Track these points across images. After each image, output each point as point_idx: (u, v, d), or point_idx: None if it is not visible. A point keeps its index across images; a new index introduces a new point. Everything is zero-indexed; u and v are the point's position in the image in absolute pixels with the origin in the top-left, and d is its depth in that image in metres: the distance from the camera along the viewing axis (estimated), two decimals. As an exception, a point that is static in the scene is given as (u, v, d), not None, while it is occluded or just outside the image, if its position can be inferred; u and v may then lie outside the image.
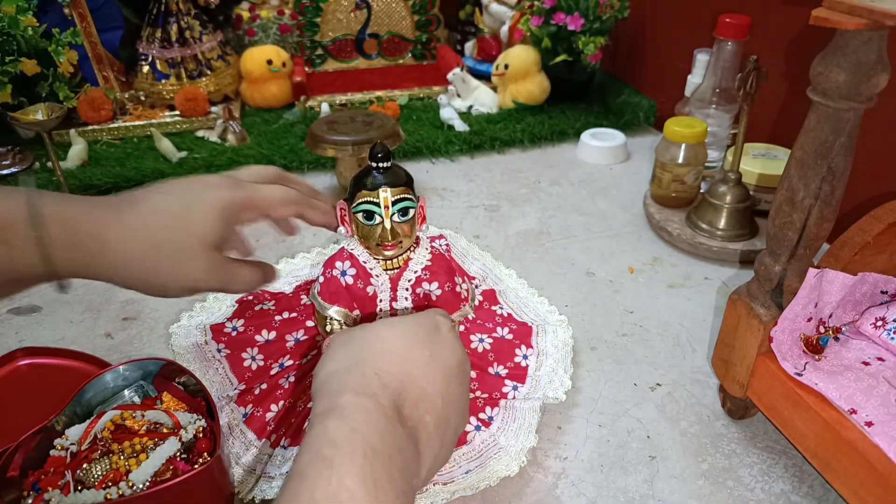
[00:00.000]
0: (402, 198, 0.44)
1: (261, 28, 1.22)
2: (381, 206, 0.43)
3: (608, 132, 1.03)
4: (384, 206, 0.43)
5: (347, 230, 0.46)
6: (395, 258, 0.48)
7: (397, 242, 0.45)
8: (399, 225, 0.45)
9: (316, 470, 0.27)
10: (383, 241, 0.44)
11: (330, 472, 0.27)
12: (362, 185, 0.44)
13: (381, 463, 0.28)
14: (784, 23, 0.84)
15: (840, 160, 0.41)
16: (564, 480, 0.50)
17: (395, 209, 0.44)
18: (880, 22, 0.35)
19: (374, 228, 0.44)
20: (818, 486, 0.49)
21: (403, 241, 0.45)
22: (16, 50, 0.92)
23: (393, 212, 0.44)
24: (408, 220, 0.45)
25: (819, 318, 0.49)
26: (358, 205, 0.44)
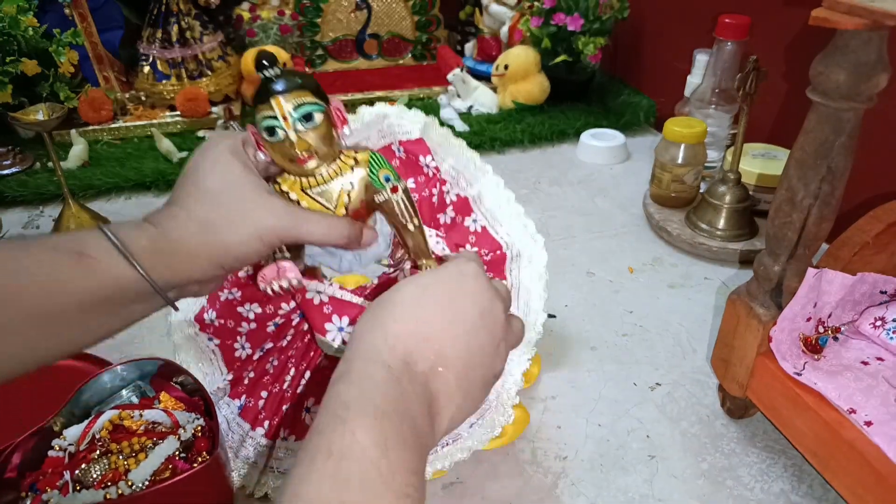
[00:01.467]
0: (300, 103, 0.39)
1: (261, 28, 1.22)
2: (279, 118, 0.39)
3: (608, 132, 1.03)
4: (282, 117, 0.39)
5: (265, 156, 0.42)
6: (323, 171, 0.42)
7: (311, 153, 0.40)
8: (306, 133, 0.39)
9: (331, 426, 0.29)
10: (294, 156, 0.40)
11: (343, 428, 0.29)
12: (257, 101, 0.40)
13: (390, 422, 0.30)
14: (784, 23, 0.84)
15: (840, 160, 0.41)
16: (564, 480, 0.50)
17: (296, 116, 0.39)
18: (880, 22, 0.35)
19: (282, 145, 0.40)
20: (817, 486, 0.49)
21: (319, 150, 0.40)
22: (16, 50, 0.92)
23: (294, 120, 0.39)
24: (315, 127, 0.39)
25: (818, 318, 0.49)
26: (260, 123, 0.40)
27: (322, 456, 0.28)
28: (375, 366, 0.33)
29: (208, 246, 0.38)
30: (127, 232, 0.37)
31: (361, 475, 0.27)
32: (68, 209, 0.83)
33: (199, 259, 0.38)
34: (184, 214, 0.38)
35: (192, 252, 0.38)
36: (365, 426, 0.29)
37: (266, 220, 0.39)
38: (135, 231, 0.37)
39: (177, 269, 0.38)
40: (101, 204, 0.90)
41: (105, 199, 0.92)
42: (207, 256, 0.38)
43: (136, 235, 0.37)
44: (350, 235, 0.41)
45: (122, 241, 0.36)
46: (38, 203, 0.90)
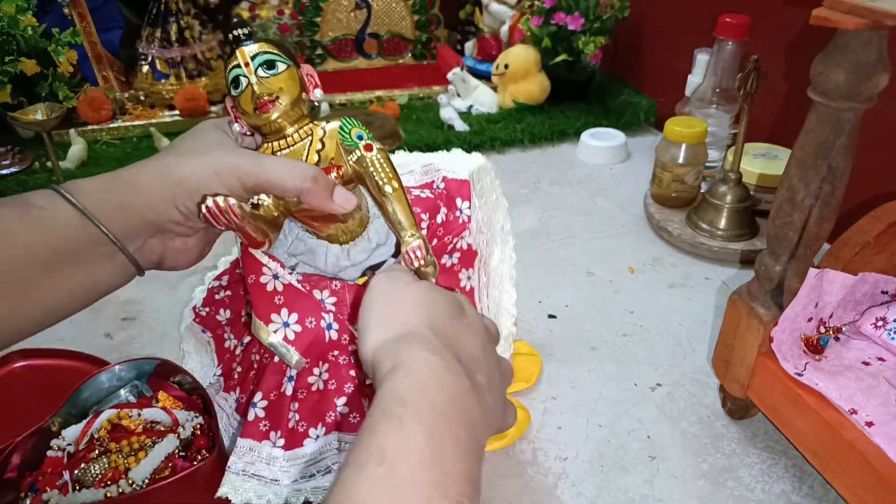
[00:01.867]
0: (262, 51, 0.39)
1: (260, 28, 1.22)
2: (242, 66, 0.39)
3: (608, 132, 1.03)
4: (244, 64, 0.39)
5: (242, 127, 0.41)
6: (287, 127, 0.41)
7: (272, 99, 0.39)
8: (268, 80, 0.39)
9: (385, 426, 0.28)
10: (256, 100, 0.39)
11: (399, 429, 0.27)
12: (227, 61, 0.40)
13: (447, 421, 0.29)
14: (784, 22, 0.83)
15: (840, 160, 0.41)
16: (565, 481, 0.50)
17: (257, 63, 0.39)
18: (880, 22, 0.35)
19: (246, 94, 0.39)
20: (818, 486, 0.49)
21: (281, 97, 0.39)
22: (15, 50, 0.92)
23: (256, 66, 0.39)
24: (276, 74, 0.39)
25: (819, 318, 0.49)
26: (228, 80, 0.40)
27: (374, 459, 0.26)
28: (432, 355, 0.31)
29: (162, 180, 0.36)
30: (77, 182, 0.36)
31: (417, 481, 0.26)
32: (67, 209, 0.82)
33: (150, 193, 0.36)
34: (147, 160, 0.37)
35: (143, 185, 0.36)
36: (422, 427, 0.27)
37: (224, 157, 0.37)
38: (87, 181, 0.36)
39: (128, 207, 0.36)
40: (101, 204, 0.90)
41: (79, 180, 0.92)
42: (161, 189, 0.36)
43: (84, 181, 0.36)
44: (315, 177, 0.38)
45: (67, 188, 0.35)
46: (38, 203, 0.90)
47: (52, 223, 0.34)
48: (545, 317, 0.67)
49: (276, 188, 0.38)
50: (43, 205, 0.34)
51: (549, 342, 0.64)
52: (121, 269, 0.38)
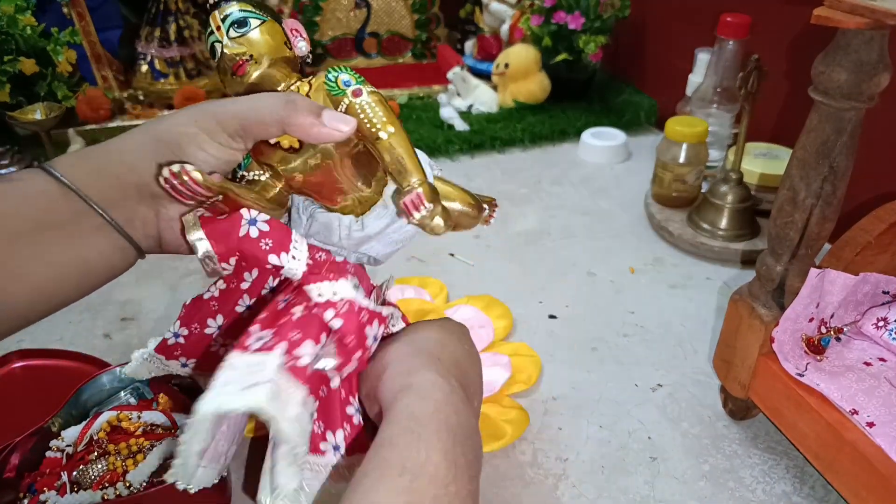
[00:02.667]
0: (231, 11, 0.36)
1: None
2: (214, 31, 0.36)
3: (609, 131, 1.03)
4: (216, 28, 0.36)
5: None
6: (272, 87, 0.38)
7: (246, 59, 0.36)
8: (239, 40, 0.36)
9: (405, 441, 0.29)
10: (230, 63, 0.36)
11: (419, 444, 0.29)
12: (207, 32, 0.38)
13: (459, 444, 0.30)
14: (785, 22, 0.83)
15: (842, 160, 0.41)
16: (565, 482, 0.49)
17: (227, 24, 0.36)
18: (882, 21, 0.35)
19: (222, 60, 0.37)
20: (819, 487, 0.49)
21: (255, 55, 0.36)
22: (14, 49, 0.92)
23: (227, 28, 0.36)
24: (248, 31, 0.36)
25: (821, 319, 0.49)
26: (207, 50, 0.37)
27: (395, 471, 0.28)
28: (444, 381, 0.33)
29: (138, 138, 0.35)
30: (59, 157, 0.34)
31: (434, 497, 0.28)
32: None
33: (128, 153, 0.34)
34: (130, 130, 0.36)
35: (120, 147, 0.34)
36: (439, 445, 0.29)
37: (206, 105, 0.36)
38: (67, 155, 0.35)
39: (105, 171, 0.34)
40: (100, 203, 0.90)
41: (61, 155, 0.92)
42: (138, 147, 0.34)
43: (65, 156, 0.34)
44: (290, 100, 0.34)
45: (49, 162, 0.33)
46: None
47: (30, 193, 0.32)
48: (546, 317, 0.67)
49: (256, 125, 0.35)
50: (19, 178, 0.33)
51: (550, 342, 0.64)
52: (114, 247, 0.35)
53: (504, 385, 0.57)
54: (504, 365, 0.58)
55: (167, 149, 0.34)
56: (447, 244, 0.79)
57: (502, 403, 0.56)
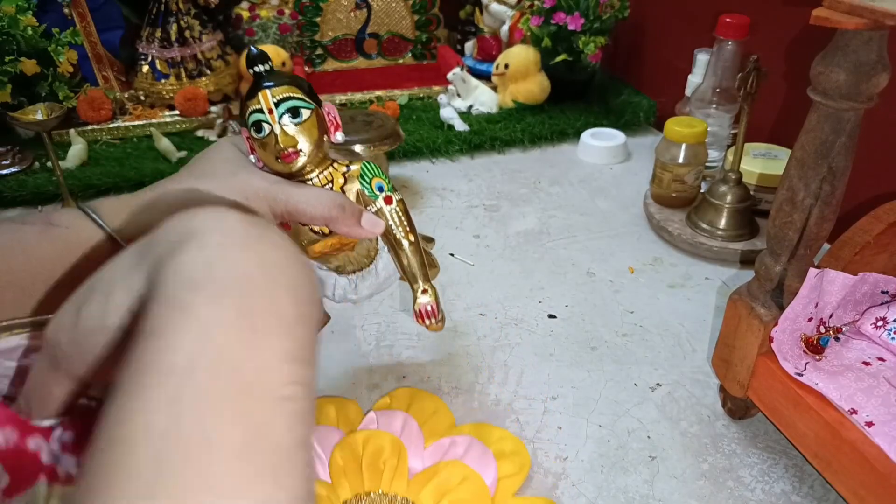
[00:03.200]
0: (286, 97, 0.38)
1: (260, 27, 1.22)
2: (265, 112, 0.38)
3: (608, 132, 1.03)
4: (268, 110, 0.38)
5: (257, 160, 0.40)
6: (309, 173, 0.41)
7: (297, 150, 0.39)
8: (291, 129, 0.38)
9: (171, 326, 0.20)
10: (279, 151, 0.38)
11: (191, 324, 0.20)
12: (247, 98, 0.39)
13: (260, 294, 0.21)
14: (784, 22, 0.83)
15: (840, 160, 0.41)
16: (565, 481, 0.50)
17: (282, 110, 0.38)
18: (881, 22, 0.35)
19: (269, 140, 0.38)
20: (818, 487, 0.49)
21: (304, 147, 0.39)
22: (15, 49, 0.92)
23: (280, 114, 0.38)
24: (301, 122, 0.39)
25: (819, 318, 0.49)
26: (248, 120, 0.39)
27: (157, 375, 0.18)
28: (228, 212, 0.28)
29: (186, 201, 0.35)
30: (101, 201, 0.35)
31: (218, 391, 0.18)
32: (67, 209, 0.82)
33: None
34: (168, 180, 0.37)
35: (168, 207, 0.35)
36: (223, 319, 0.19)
37: (253, 181, 0.37)
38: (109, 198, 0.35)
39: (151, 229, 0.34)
40: (101, 204, 0.90)
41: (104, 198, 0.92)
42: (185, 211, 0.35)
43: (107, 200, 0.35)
44: (342, 205, 0.38)
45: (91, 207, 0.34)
46: (37, 203, 0.90)
47: (74, 241, 0.33)
48: (545, 317, 0.67)
49: (305, 216, 0.38)
50: (65, 224, 0.33)
51: (550, 342, 0.64)
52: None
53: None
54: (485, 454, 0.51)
55: None
56: (447, 244, 0.80)
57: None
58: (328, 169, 0.41)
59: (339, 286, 0.46)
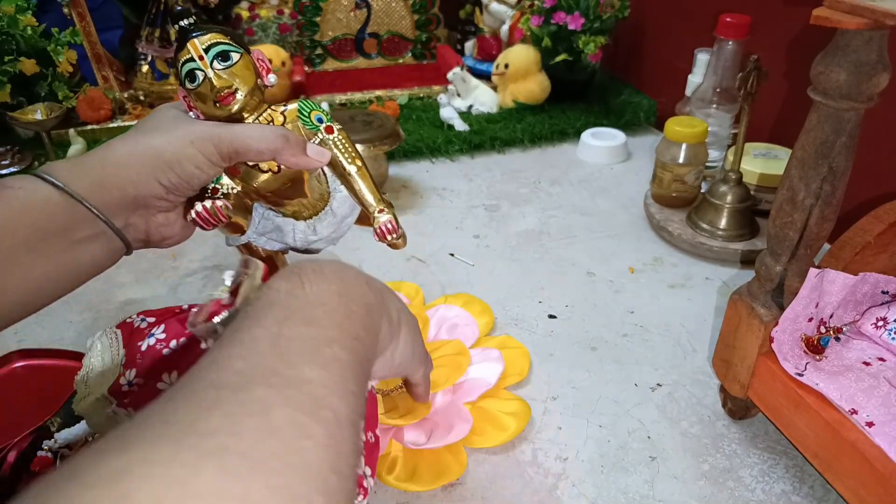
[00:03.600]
0: (214, 42, 0.39)
1: (260, 27, 1.22)
2: (196, 60, 0.39)
3: (608, 132, 1.03)
4: (198, 58, 0.39)
5: (196, 115, 0.42)
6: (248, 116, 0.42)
7: (231, 92, 0.40)
8: (223, 72, 0.39)
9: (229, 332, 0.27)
10: (215, 94, 0.39)
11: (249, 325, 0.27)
12: (176, 52, 0.40)
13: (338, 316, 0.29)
14: (785, 22, 0.83)
15: (841, 160, 0.41)
16: (565, 481, 0.49)
17: (211, 55, 0.39)
18: (881, 21, 0.35)
19: (204, 87, 0.39)
20: (819, 487, 0.49)
21: (240, 87, 0.40)
22: (15, 49, 0.92)
23: (210, 59, 0.39)
24: (232, 65, 0.40)
25: (820, 319, 0.49)
26: (182, 74, 0.40)
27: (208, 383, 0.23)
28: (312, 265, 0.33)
29: (138, 153, 0.37)
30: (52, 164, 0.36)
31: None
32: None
33: (128, 169, 0.36)
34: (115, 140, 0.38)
35: (119, 161, 0.37)
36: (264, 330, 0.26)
37: (196, 126, 0.38)
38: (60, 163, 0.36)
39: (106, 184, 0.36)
40: (101, 204, 0.90)
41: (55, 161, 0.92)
42: (137, 164, 0.37)
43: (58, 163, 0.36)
44: (287, 136, 0.39)
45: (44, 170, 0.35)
46: (37, 203, 0.90)
47: (31, 201, 0.34)
48: (545, 317, 0.67)
49: (251, 151, 0.39)
50: (19, 185, 0.34)
51: (550, 342, 0.64)
52: (107, 249, 0.38)
53: (499, 379, 0.57)
54: (496, 359, 0.58)
55: (166, 166, 0.37)
56: (447, 244, 0.79)
57: (501, 397, 0.56)
58: (266, 111, 0.42)
59: (299, 230, 0.47)
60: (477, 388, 0.55)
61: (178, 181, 0.38)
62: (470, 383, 0.56)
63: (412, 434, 0.51)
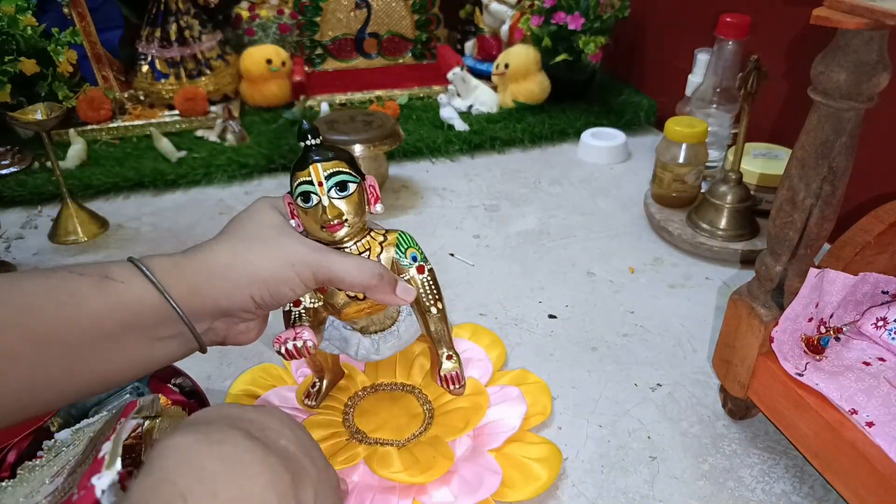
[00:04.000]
0: (336, 171, 0.40)
1: (260, 27, 1.22)
2: (314, 184, 0.40)
3: (609, 132, 1.03)
4: (318, 183, 0.40)
5: (297, 224, 0.42)
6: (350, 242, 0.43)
7: (342, 221, 0.41)
8: (339, 202, 0.41)
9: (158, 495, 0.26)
10: (325, 221, 0.40)
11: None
12: (296, 168, 0.41)
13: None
14: (785, 22, 0.83)
15: (841, 160, 0.41)
16: (565, 481, 0.49)
17: (331, 184, 0.40)
18: (881, 21, 0.35)
19: (315, 211, 0.41)
20: (819, 487, 0.49)
21: (349, 219, 0.41)
22: (15, 49, 0.92)
23: (329, 187, 0.40)
24: (348, 195, 0.41)
25: (820, 319, 0.49)
26: (296, 189, 0.41)
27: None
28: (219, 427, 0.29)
29: (236, 267, 0.37)
30: (152, 257, 0.37)
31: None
32: (67, 209, 0.82)
33: (225, 281, 0.37)
34: (215, 243, 0.38)
35: (217, 272, 0.37)
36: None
37: (298, 248, 0.39)
38: (161, 257, 0.37)
39: (201, 292, 0.36)
40: (100, 203, 0.90)
41: (104, 198, 0.92)
42: (235, 278, 0.37)
43: (160, 259, 0.36)
44: (382, 275, 0.41)
45: (144, 263, 0.35)
46: (37, 203, 0.90)
47: (127, 298, 0.34)
48: (545, 317, 0.67)
49: (344, 283, 0.40)
50: (120, 279, 0.34)
51: (550, 342, 0.64)
52: (183, 347, 0.38)
53: (524, 420, 0.52)
54: (517, 398, 0.54)
55: (263, 285, 0.38)
56: (447, 244, 0.79)
57: (527, 441, 0.51)
58: (366, 237, 0.44)
59: (363, 346, 0.48)
60: (501, 433, 0.51)
61: (270, 300, 0.38)
62: (492, 427, 0.52)
63: (438, 493, 0.46)
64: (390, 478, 0.47)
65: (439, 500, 0.46)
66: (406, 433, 0.51)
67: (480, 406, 0.53)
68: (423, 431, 0.52)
